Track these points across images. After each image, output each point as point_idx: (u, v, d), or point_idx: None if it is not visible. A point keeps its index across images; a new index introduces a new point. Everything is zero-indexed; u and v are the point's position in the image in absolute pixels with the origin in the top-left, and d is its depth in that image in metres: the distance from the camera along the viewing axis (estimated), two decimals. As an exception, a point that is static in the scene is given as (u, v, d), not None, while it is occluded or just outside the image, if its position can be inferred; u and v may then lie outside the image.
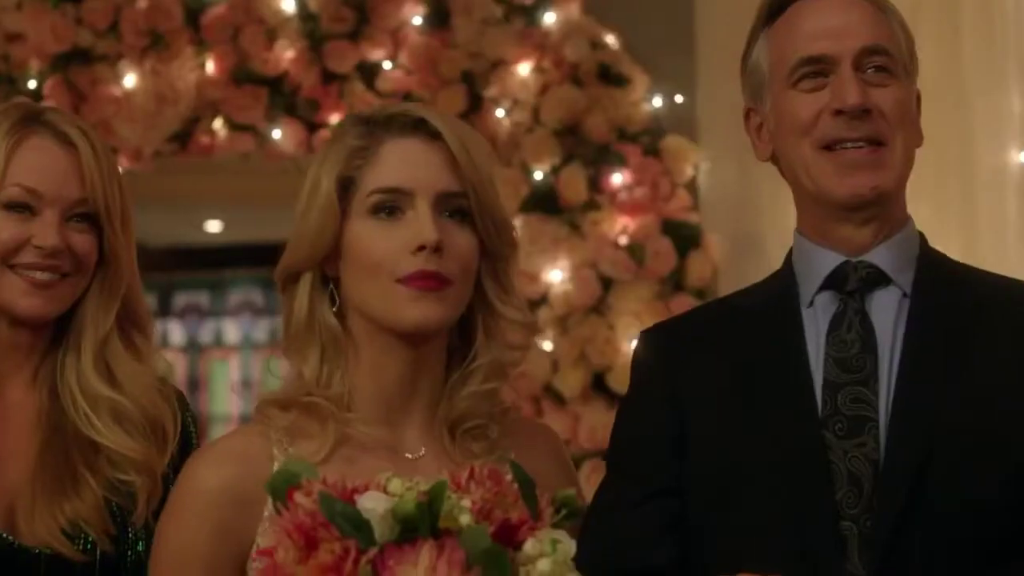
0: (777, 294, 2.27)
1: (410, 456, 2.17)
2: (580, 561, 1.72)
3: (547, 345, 4.84)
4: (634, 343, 2.71)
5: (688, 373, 2.25)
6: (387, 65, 4.99)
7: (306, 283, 2.19)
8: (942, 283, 2.23)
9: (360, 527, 1.63)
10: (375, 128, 2.19)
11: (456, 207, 2.17)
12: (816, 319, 2.22)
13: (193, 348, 10.37)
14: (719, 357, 2.24)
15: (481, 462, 2.02)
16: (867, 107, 2.19)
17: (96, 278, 2.44)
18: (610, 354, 4.77)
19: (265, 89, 5.06)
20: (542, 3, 4.98)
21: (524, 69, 4.95)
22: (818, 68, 2.22)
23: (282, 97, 5.06)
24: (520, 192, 4.89)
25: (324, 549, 1.63)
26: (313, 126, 5.04)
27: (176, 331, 10.45)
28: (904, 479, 2.09)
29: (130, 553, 2.38)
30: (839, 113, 2.19)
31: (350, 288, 2.19)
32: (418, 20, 5.00)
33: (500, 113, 4.96)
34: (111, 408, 2.39)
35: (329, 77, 5.03)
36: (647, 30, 4.95)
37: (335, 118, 4.89)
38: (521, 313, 2.23)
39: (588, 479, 3.97)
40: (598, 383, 4.83)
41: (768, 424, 2.16)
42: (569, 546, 1.69)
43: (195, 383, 10.18)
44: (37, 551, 2.32)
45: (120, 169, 2.48)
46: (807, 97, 2.22)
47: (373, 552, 1.63)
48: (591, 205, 4.90)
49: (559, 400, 4.86)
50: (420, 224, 2.13)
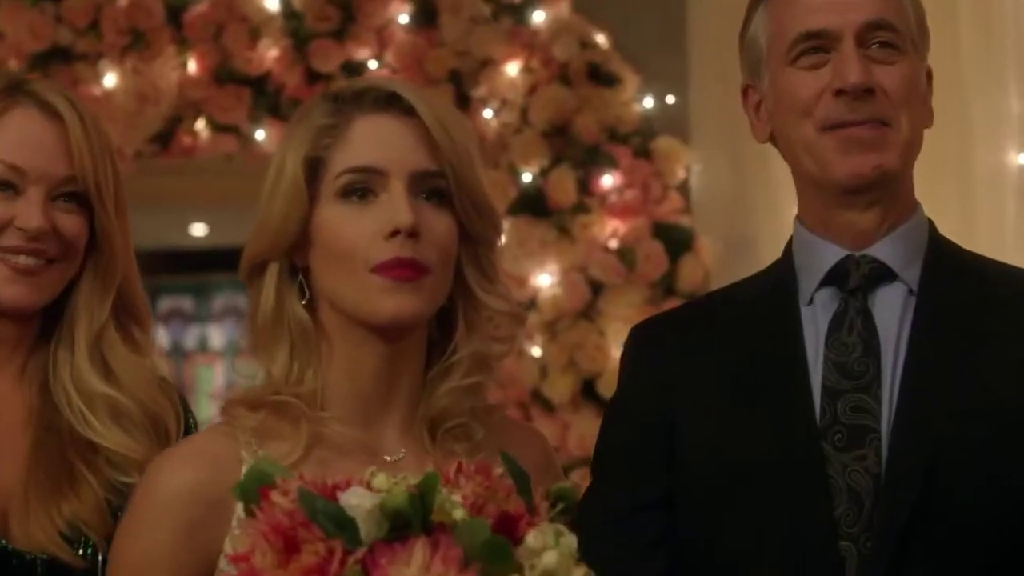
0: (775, 288, 2.19)
1: (389, 458, 2.08)
2: None
3: (536, 351, 4.84)
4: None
5: (680, 371, 2.18)
6: (373, 64, 4.99)
7: (272, 274, 2.10)
8: (952, 278, 2.14)
9: (345, 526, 1.57)
10: (344, 105, 2.09)
11: (433, 188, 2.08)
12: (816, 318, 2.14)
13: (177, 353, 10.31)
14: (713, 355, 2.17)
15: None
16: (870, 86, 2.10)
17: (88, 265, 2.31)
18: (600, 360, 4.77)
19: (248, 89, 5.04)
20: (531, 1, 4.98)
21: (512, 69, 4.94)
22: (818, 44, 2.14)
23: (266, 97, 5.05)
24: (508, 194, 4.87)
25: (307, 551, 1.57)
26: (297, 127, 5.01)
27: (160, 336, 10.14)
28: (907, 496, 2.02)
29: None
30: (841, 93, 2.11)
31: (320, 279, 2.10)
32: (404, 18, 5.00)
33: (488, 113, 4.96)
34: (108, 405, 2.28)
35: (314, 77, 5.02)
36: (638, 29, 4.93)
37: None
38: (506, 302, 2.14)
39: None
40: (588, 390, 4.82)
41: (763, 434, 2.09)
42: (571, 539, 1.63)
43: (179, 389, 10.05)
44: (33, 556, 2.21)
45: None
46: (807, 75, 2.14)
47: (361, 552, 1.57)
48: (580, 207, 4.89)
49: (548, 407, 4.84)
50: (394, 207, 2.04)
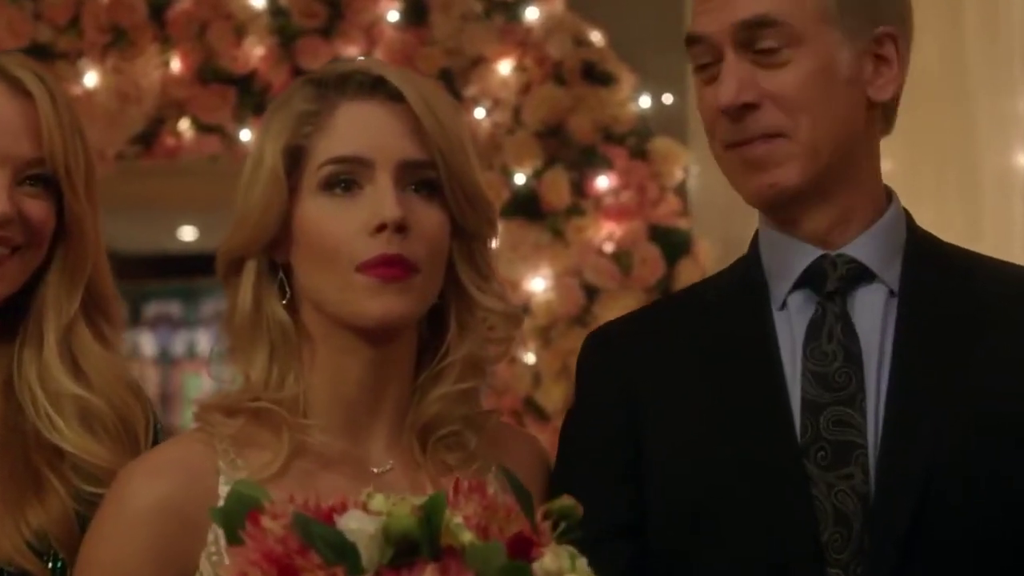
0: (744, 290, 2.06)
1: (376, 470, 2.00)
2: None
3: (529, 358, 4.83)
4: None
5: (644, 383, 2.05)
6: (362, 62, 4.93)
7: (250, 271, 2.02)
8: (935, 275, 2.02)
9: (345, 552, 1.50)
10: (327, 90, 2.01)
11: (422, 179, 1.99)
12: (790, 324, 2.01)
13: (165, 360, 10.27)
14: (681, 365, 2.05)
15: (457, 476, 1.83)
16: (747, 102, 1.95)
17: (56, 254, 2.18)
18: (595, 367, 4.69)
19: (233, 88, 5.00)
20: (524, -2, 5.03)
21: (505, 67, 4.93)
22: (704, 50, 1.99)
23: (251, 97, 5.00)
24: (501, 196, 4.82)
25: (307, 580, 1.49)
26: (284, 127, 4.97)
27: (147, 342, 10.31)
28: (899, 516, 1.91)
29: None
30: (725, 111, 1.97)
31: (302, 277, 2.01)
32: (394, 16, 4.97)
33: (480, 113, 4.92)
34: (78, 407, 2.14)
35: (301, 75, 4.88)
36: (634, 26, 4.92)
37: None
38: (501, 301, 2.05)
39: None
40: (582, 398, 4.74)
41: (739, 454, 1.97)
42: (584, 561, 1.55)
43: (167, 396, 10.11)
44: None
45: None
46: (706, 91, 2.00)
47: (367, 578, 1.50)
48: (575, 210, 4.89)
49: (541, 415, 4.82)
50: (380, 199, 1.95)
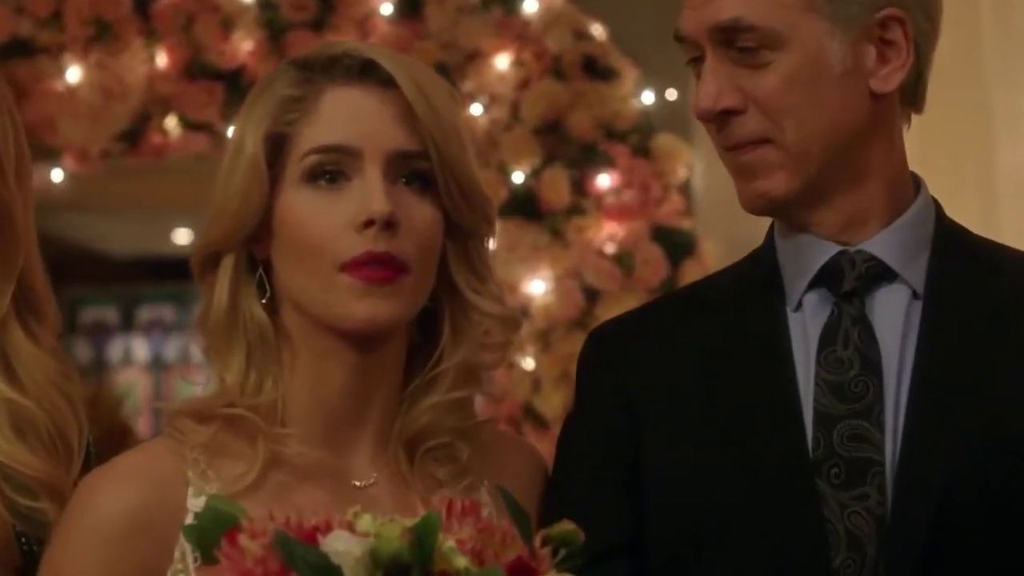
0: (755, 289, 1.99)
1: (358, 483, 1.94)
2: None
3: (528, 363, 4.83)
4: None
5: (646, 387, 1.98)
6: (354, 57, 4.93)
7: (227, 267, 1.95)
8: (964, 274, 1.94)
9: (330, 575, 1.47)
10: (313, 74, 1.94)
11: (414, 171, 1.93)
12: (804, 327, 1.94)
13: (158, 366, 10.27)
14: (685, 369, 1.98)
15: (446, 492, 1.80)
16: (730, 107, 1.89)
17: None
18: (596, 373, 4.69)
19: (221, 84, 4.98)
20: (522, -11, 5.06)
21: (502, 62, 4.92)
22: (689, 48, 1.93)
23: (240, 93, 4.94)
24: (498, 196, 4.79)
25: (287, 604, 1.46)
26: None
27: (140, 347, 10.31)
28: (917, 541, 1.83)
29: None
30: (703, 119, 1.93)
31: (282, 275, 1.95)
32: (387, 8, 4.94)
33: (476, 109, 4.90)
34: (9, 413, 2.05)
35: (290, 70, 4.93)
36: (636, 19, 4.84)
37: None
38: (497, 304, 1.99)
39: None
40: (583, 404, 4.73)
41: (746, 469, 1.90)
42: None
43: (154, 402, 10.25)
44: None
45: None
46: (697, 87, 1.95)
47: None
48: (575, 210, 4.88)
49: (540, 423, 4.81)
50: (367, 192, 1.89)
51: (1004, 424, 1.85)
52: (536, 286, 4.82)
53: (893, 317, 1.91)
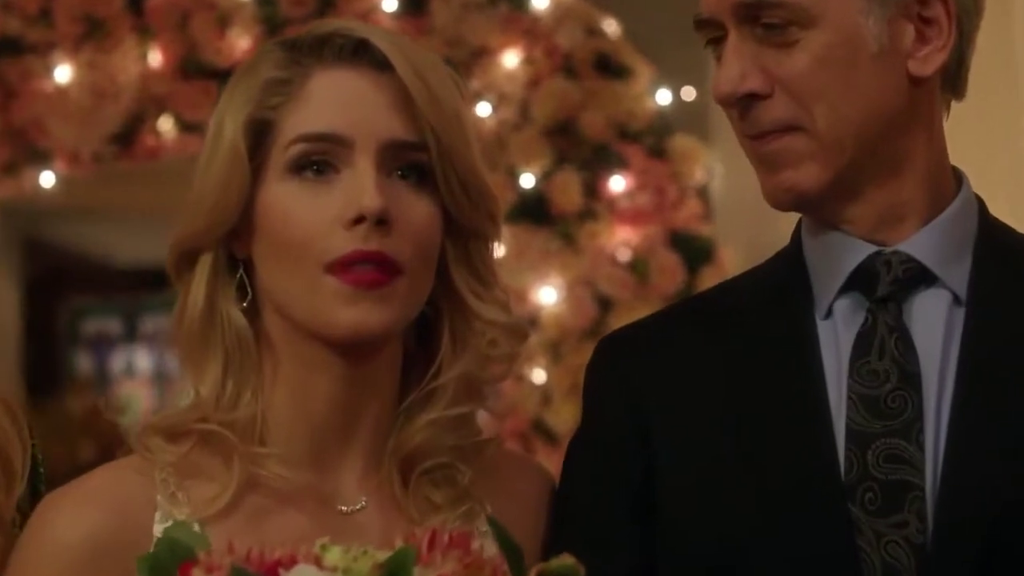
0: (781, 293, 1.93)
1: (345, 509, 1.90)
2: None
3: (537, 375, 4.83)
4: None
5: (661, 401, 1.94)
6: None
7: (205, 266, 1.91)
8: (1011, 277, 1.88)
9: None
10: (301, 55, 1.89)
11: (411, 163, 1.88)
12: (835, 335, 1.89)
13: (161, 378, 10.34)
14: (704, 381, 1.93)
15: (443, 519, 1.84)
16: (755, 91, 1.83)
17: None
18: (609, 385, 4.72)
19: (217, 83, 4.87)
20: (531, -16, 5.05)
21: (511, 59, 4.92)
22: (709, 31, 1.87)
23: None
24: (506, 199, 4.82)
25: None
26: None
27: (143, 358, 10.40)
28: (961, 574, 1.77)
29: None
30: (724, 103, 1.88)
31: (264, 276, 1.90)
32: (391, 4, 4.92)
33: (484, 109, 4.89)
34: None
35: (288, 68, 4.93)
36: (651, 14, 4.80)
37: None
38: (503, 312, 1.95)
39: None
40: (595, 418, 4.74)
41: (771, 494, 1.85)
42: None
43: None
44: None
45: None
46: (717, 70, 1.90)
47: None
48: (587, 214, 4.89)
49: (551, 439, 4.78)
50: (358, 186, 1.84)
51: None
52: (546, 294, 4.83)
53: (933, 325, 1.85)
